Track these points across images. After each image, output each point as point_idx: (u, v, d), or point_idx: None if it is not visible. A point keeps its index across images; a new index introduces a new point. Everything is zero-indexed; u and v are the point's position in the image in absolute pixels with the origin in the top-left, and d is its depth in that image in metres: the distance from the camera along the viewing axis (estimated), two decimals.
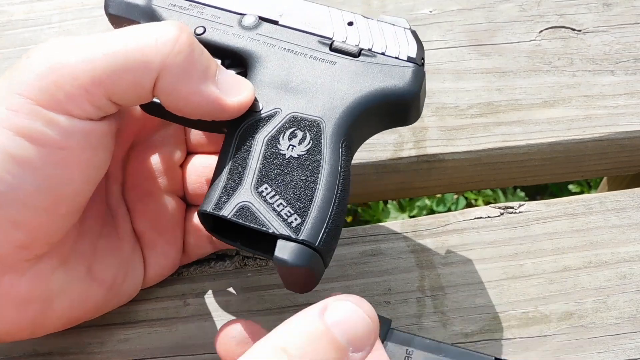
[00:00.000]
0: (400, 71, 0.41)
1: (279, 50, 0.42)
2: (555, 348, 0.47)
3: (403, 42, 0.42)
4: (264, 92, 0.41)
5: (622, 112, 0.56)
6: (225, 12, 0.43)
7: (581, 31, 0.60)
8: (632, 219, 0.52)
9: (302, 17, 0.43)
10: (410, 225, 0.51)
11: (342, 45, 0.42)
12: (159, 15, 0.43)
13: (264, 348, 0.31)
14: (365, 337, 0.32)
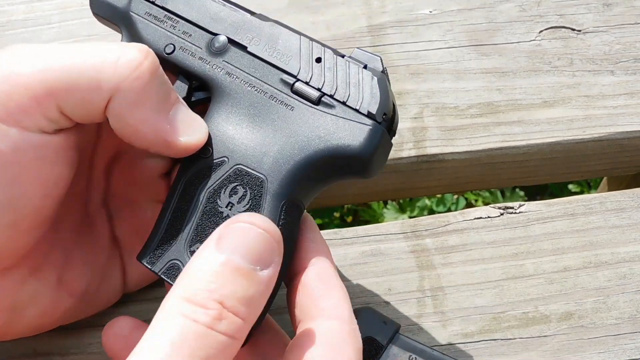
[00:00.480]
0: (356, 128, 0.38)
1: (241, 83, 0.40)
2: (556, 348, 0.47)
3: (367, 92, 0.38)
4: (217, 133, 0.39)
5: (622, 112, 0.56)
6: (197, 30, 0.42)
7: (581, 31, 0.60)
8: (632, 219, 0.52)
9: (272, 44, 0.40)
10: (410, 226, 0.51)
11: (304, 88, 0.39)
12: (134, 23, 0.42)
13: (171, 303, 0.31)
14: (267, 251, 0.32)
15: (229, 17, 0.41)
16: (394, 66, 0.58)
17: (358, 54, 0.40)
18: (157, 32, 0.42)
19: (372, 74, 0.39)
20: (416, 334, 0.47)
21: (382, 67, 0.39)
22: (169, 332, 0.30)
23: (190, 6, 0.42)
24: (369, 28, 0.61)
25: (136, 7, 0.43)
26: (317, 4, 0.62)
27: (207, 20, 0.42)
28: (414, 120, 0.56)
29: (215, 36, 0.41)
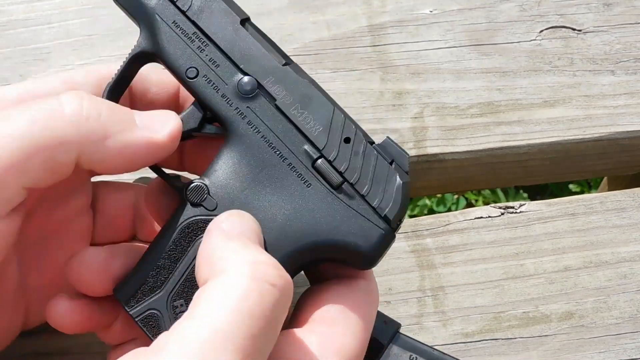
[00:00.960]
0: (369, 229, 0.36)
1: (260, 138, 0.37)
2: (556, 348, 0.47)
3: (389, 193, 0.36)
4: (226, 188, 0.37)
5: (623, 112, 0.56)
6: (227, 62, 0.38)
7: (581, 31, 0.60)
8: (633, 218, 0.52)
9: (304, 105, 0.37)
10: (410, 225, 0.51)
11: (327, 168, 0.36)
12: (158, 29, 0.38)
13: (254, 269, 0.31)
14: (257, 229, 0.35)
15: (263, 59, 0.38)
16: (395, 66, 0.58)
17: (388, 145, 0.38)
18: (183, 50, 0.38)
19: (399, 175, 0.37)
20: (417, 334, 0.47)
21: (408, 166, 0.38)
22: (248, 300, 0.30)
23: (223, 30, 0.38)
24: (370, 28, 0.61)
25: (164, 10, 0.38)
26: (318, 4, 0.62)
27: (239, 54, 0.38)
28: (415, 120, 0.56)
29: (244, 76, 0.38)
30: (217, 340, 0.28)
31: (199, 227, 0.36)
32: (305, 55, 0.59)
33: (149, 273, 0.36)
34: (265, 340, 0.29)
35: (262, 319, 0.29)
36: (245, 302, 0.29)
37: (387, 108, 0.56)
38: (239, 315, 0.29)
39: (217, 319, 0.28)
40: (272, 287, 0.30)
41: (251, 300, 0.29)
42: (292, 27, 0.60)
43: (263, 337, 0.29)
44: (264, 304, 0.29)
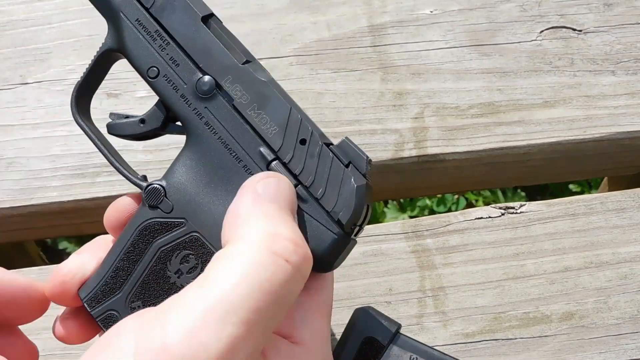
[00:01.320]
0: (322, 233, 0.35)
1: (217, 140, 0.36)
2: (557, 348, 0.47)
3: (343, 196, 0.35)
4: (181, 189, 0.37)
5: (623, 112, 0.56)
6: (187, 61, 0.37)
7: (582, 31, 0.60)
8: (633, 219, 0.52)
9: (260, 105, 0.36)
10: (411, 226, 0.51)
11: (281, 170, 0.36)
12: (122, 27, 0.38)
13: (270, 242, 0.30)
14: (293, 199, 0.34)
15: (222, 58, 0.37)
16: (395, 66, 0.58)
17: (345, 147, 0.36)
18: (144, 50, 0.38)
19: (354, 178, 0.35)
20: (417, 334, 0.47)
21: (366, 168, 0.36)
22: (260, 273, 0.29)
23: (184, 28, 0.38)
24: (370, 28, 0.61)
25: (128, 8, 0.38)
26: (318, 4, 0.62)
27: (199, 52, 0.37)
28: (415, 120, 0.55)
29: (203, 75, 0.37)
30: (221, 309, 0.27)
31: (155, 230, 0.36)
32: (306, 56, 0.59)
33: (109, 274, 0.37)
34: (272, 316, 0.29)
35: (271, 293, 0.28)
36: (256, 275, 0.28)
37: (387, 108, 0.56)
38: (247, 287, 0.28)
39: (224, 288, 0.28)
40: (285, 263, 0.29)
41: (262, 274, 0.29)
42: (293, 27, 0.60)
43: (270, 313, 0.28)
44: (274, 279, 0.29)
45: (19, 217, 0.54)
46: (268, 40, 0.60)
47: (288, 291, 0.29)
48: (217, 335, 0.27)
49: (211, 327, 0.27)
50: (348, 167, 0.35)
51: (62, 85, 0.58)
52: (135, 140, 0.40)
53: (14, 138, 0.55)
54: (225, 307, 0.27)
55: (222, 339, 0.27)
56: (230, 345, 0.27)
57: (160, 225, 0.36)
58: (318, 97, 0.57)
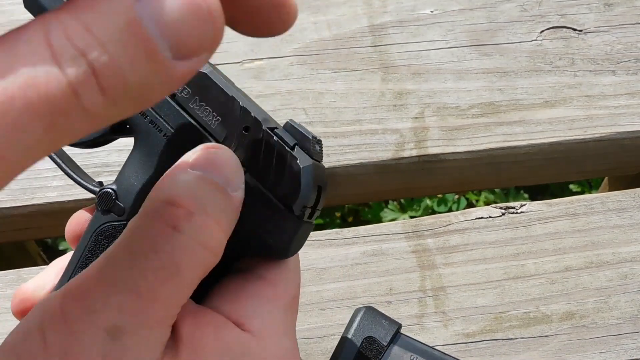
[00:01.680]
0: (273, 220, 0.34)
1: (161, 137, 0.36)
2: (557, 348, 0.46)
3: (290, 179, 0.34)
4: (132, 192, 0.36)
5: (624, 112, 0.56)
6: None
7: (582, 31, 0.60)
8: (634, 219, 0.52)
9: (202, 97, 0.35)
10: (411, 226, 0.51)
11: None
12: None
13: (147, 204, 0.30)
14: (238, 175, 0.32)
15: None
16: (395, 66, 0.58)
17: (289, 129, 0.35)
18: None
19: (299, 159, 0.34)
20: (417, 334, 0.47)
21: (313, 148, 0.35)
22: (146, 238, 0.28)
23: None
24: (370, 28, 0.61)
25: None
26: (319, 4, 0.62)
27: None
28: (415, 120, 0.56)
29: None
30: (107, 271, 0.28)
31: (110, 234, 0.36)
32: (307, 56, 0.59)
33: (72, 271, 0.37)
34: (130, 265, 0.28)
35: (155, 260, 0.28)
36: (144, 238, 0.28)
37: (388, 108, 0.56)
38: (134, 251, 0.28)
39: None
40: (173, 231, 0.29)
41: (148, 238, 0.28)
42: (293, 27, 0.60)
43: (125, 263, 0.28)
44: (161, 245, 0.28)
45: (20, 217, 0.54)
46: (268, 40, 0.60)
47: (182, 259, 0.28)
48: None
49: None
50: (294, 149, 0.34)
51: None
52: (87, 147, 0.40)
53: None
54: (108, 271, 0.28)
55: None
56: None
57: (114, 229, 0.36)
58: (318, 97, 0.57)
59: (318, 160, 0.35)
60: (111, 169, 0.54)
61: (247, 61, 0.59)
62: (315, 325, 0.48)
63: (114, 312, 0.27)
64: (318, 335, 0.47)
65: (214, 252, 0.30)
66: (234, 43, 0.60)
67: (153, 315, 0.28)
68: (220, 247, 0.30)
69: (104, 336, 0.27)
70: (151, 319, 0.28)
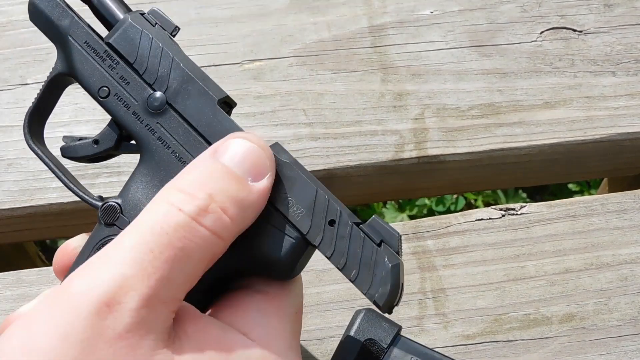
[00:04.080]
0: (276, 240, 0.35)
1: (171, 155, 0.36)
2: (557, 350, 0.46)
3: (378, 277, 0.34)
4: (138, 206, 0.37)
5: (624, 113, 0.56)
6: (136, 78, 0.37)
7: (582, 32, 0.60)
8: (634, 220, 0.52)
9: (289, 187, 0.35)
10: (411, 227, 0.51)
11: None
12: (71, 51, 0.38)
13: (161, 193, 0.31)
14: (260, 164, 0.33)
15: (174, 71, 0.37)
16: (395, 67, 0.58)
17: (375, 225, 0.35)
18: (94, 70, 0.38)
19: (387, 257, 0.34)
20: (418, 336, 0.47)
21: (398, 246, 0.35)
22: (152, 218, 0.30)
23: (133, 45, 0.38)
24: (370, 29, 0.60)
25: (76, 32, 0.38)
26: (318, 4, 0.62)
27: (148, 64, 0.37)
28: (415, 121, 0.55)
29: (153, 92, 0.37)
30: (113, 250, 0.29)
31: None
32: (306, 56, 0.59)
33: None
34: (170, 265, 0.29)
35: (162, 236, 0.29)
36: (147, 219, 0.30)
37: (387, 109, 0.56)
38: (137, 230, 0.29)
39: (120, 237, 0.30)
40: (177, 211, 0.30)
41: (151, 217, 0.30)
42: (293, 28, 0.60)
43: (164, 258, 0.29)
44: (164, 223, 0.29)
45: (19, 218, 0.54)
46: (268, 41, 0.60)
47: (184, 239, 0.29)
48: (108, 273, 0.28)
49: (102, 267, 0.28)
50: (380, 246, 0.34)
51: None
52: (89, 162, 0.40)
53: (13, 139, 0.55)
54: (117, 247, 0.29)
55: (112, 276, 0.28)
56: (119, 282, 0.28)
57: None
58: (318, 98, 0.57)
59: (401, 258, 0.35)
60: (110, 170, 0.54)
61: (247, 62, 0.58)
62: (315, 327, 0.48)
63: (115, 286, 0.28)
64: (318, 337, 0.47)
65: (219, 237, 0.31)
66: (233, 44, 0.59)
67: (156, 294, 0.29)
68: (228, 234, 0.31)
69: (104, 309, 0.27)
70: (154, 298, 0.28)
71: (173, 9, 0.62)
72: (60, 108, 0.56)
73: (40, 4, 0.39)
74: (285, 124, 0.55)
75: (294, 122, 0.55)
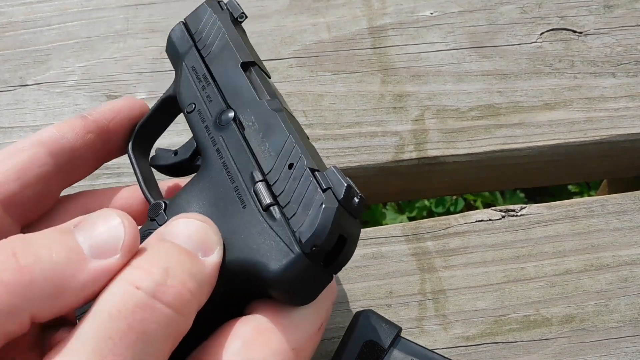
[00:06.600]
0: (283, 253, 0.33)
1: (222, 165, 0.38)
2: (557, 351, 0.46)
3: (311, 217, 0.33)
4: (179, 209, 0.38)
5: (623, 114, 0.56)
6: (218, 97, 0.40)
7: (582, 33, 0.60)
8: (634, 221, 0.52)
9: (265, 134, 0.37)
10: (411, 228, 0.51)
11: (262, 191, 0.35)
12: (181, 73, 0.43)
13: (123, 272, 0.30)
14: (209, 240, 0.33)
15: (245, 93, 0.39)
16: (395, 68, 0.58)
17: (330, 174, 0.34)
18: (190, 89, 0.41)
19: (326, 201, 0.33)
20: (417, 337, 0.47)
21: (343, 194, 0.33)
22: (110, 300, 0.28)
23: (226, 71, 0.41)
24: (370, 30, 0.60)
25: (189, 57, 0.43)
26: (318, 6, 0.62)
27: (230, 90, 0.40)
28: (415, 122, 0.55)
29: (227, 109, 0.39)
30: (73, 343, 0.28)
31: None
32: (306, 58, 0.59)
33: None
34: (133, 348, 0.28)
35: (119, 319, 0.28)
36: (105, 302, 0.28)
37: (387, 110, 0.56)
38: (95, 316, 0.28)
39: (80, 325, 0.28)
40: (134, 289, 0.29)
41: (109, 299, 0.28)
42: (293, 29, 0.60)
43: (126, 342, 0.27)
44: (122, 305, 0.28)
45: None
46: (268, 42, 0.60)
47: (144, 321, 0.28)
48: None
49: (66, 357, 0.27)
50: (325, 192, 0.33)
51: (61, 87, 0.57)
52: (170, 173, 0.44)
53: (13, 140, 0.55)
54: (77, 336, 0.28)
55: None
56: None
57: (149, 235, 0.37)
58: (318, 99, 0.57)
59: (353, 214, 0.34)
60: (111, 171, 0.54)
61: None
62: None
63: None
64: None
65: (180, 313, 0.29)
66: None
67: None
68: (189, 310, 0.30)
69: None
70: None
71: (173, 9, 0.62)
72: (60, 109, 0.56)
73: (173, 36, 0.44)
74: None
75: None
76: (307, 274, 0.33)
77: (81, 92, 0.57)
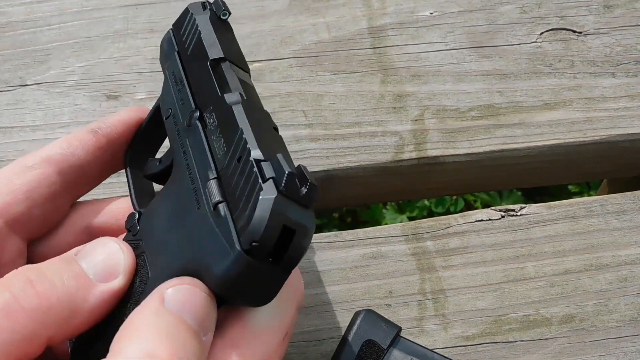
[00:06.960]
0: (223, 252, 0.30)
1: (185, 167, 0.36)
2: (557, 351, 0.47)
3: (249, 211, 0.30)
4: (150, 215, 0.37)
5: (623, 114, 0.56)
6: (189, 99, 0.39)
7: (582, 33, 0.60)
8: (633, 221, 0.52)
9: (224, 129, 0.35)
10: (411, 228, 0.51)
11: (212, 189, 0.33)
12: (165, 79, 0.42)
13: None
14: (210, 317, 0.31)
15: (210, 91, 0.37)
16: (395, 68, 0.58)
17: (275, 162, 0.31)
18: (168, 94, 0.41)
19: (265, 191, 0.30)
20: (417, 337, 0.47)
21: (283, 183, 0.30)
22: None
23: (197, 71, 0.39)
24: (370, 30, 0.60)
25: (171, 63, 0.42)
26: (318, 6, 0.62)
27: (198, 90, 0.39)
28: (415, 122, 0.55)
29: (195, 109, 0.38)
30: None
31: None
32: (306, 58, 0.59)
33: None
34: None
35: None
36: None
37: (387, 110, 0.56)
38: None
39: None
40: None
41: None
42: (292, 29, 0.60)
43: None
44: None
45: None
46: (268, 42, 0.60)
47: None
48: None
49: None
50: (266, 182, 0.30)
51: (61, 87, 0.57)
52: (158, 181, 0.42)
53: (13, 140, 0.55)
54: None
55: None
56: None
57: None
58: (318, 99, 0.57)
59: (301, 203, 0.31)
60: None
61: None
62: (315, 328, 0.48)
63: None
64: (317, 338, 0.47)
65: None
66: None
67: None
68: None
69: None
70: None
71: (172, 10, 0.62)
72: (60, 109, 0.56)
73: (163, 44, 0.44)
74: (284, 125, 0.55)
75: (293, 123, 0.55)
76: (251, 272, 0.30)
77: (81, 92, 0.57)
